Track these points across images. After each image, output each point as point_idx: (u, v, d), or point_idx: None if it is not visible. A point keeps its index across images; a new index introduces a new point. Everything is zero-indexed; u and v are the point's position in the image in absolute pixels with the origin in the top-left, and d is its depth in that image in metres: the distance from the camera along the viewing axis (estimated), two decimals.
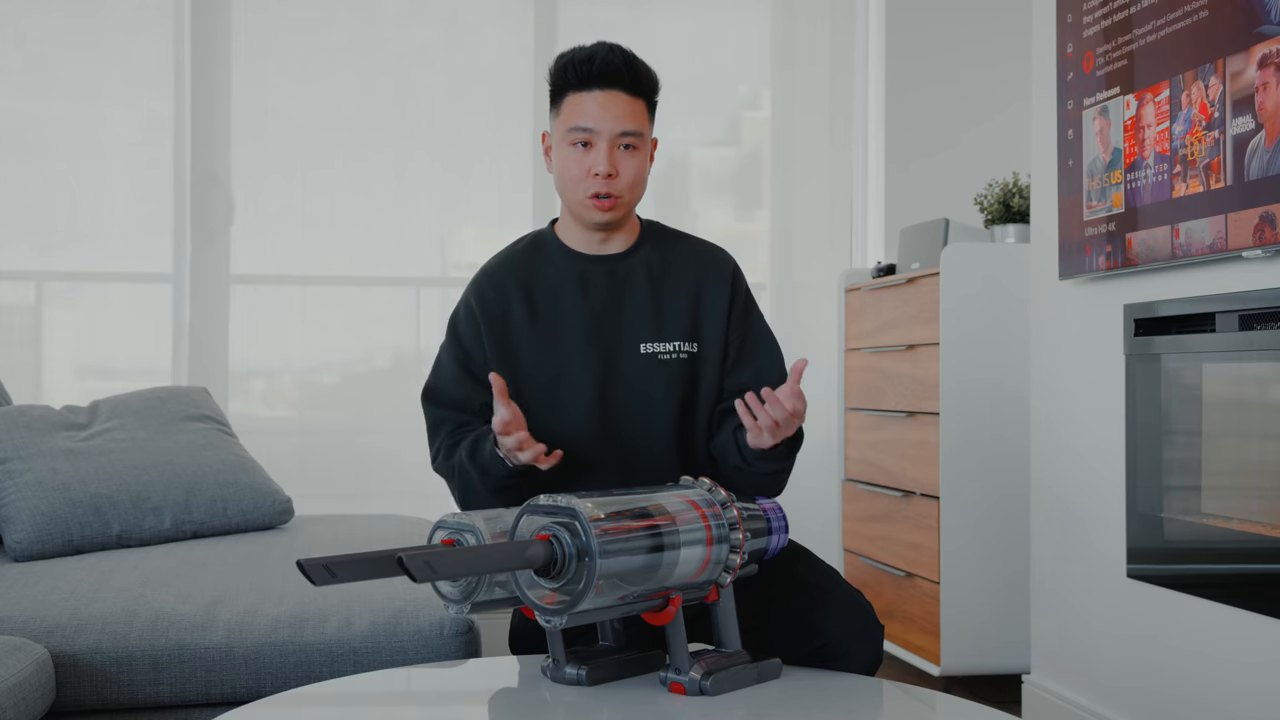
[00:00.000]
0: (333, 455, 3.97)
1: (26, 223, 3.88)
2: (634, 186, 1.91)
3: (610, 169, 1.87)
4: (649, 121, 1.93)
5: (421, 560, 1.34)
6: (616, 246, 1.98)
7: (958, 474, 3.15)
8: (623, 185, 1.89)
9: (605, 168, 1.87)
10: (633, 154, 1.89)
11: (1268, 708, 2.10)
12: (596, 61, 1.87)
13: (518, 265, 1.98)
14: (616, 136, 1.87)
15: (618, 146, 1.88)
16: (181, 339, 3.90)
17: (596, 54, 1.88)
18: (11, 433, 2.66)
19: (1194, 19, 2.20)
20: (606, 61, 1.87)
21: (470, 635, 2.11)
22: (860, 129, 4.21)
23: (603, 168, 1.87)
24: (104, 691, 2.01)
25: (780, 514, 1.73)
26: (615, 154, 1.88)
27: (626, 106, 1.88)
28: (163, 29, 3.92)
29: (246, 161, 3.95)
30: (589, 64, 1.87)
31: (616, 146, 1.88)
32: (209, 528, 2.73)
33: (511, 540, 1.50)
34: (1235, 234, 2.08)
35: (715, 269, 1.99)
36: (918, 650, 3.28)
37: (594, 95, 1.87)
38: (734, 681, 1.58)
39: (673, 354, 1.93)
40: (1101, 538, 2.57)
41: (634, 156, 1.89)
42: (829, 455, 3.95)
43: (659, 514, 1.53)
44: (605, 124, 1.87)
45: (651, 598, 1.53)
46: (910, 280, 3.34)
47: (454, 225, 4.11)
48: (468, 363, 1.95)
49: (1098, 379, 2.59)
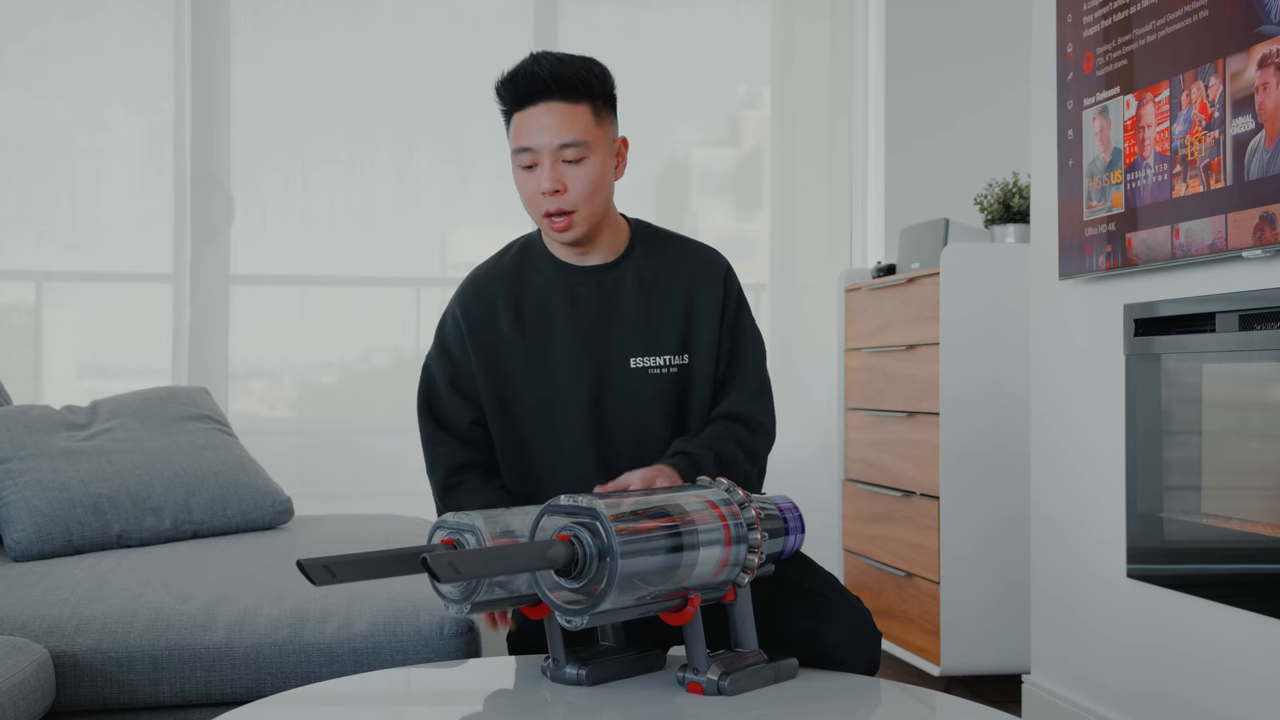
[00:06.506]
0: (332, 455, 3.97)
1: (27, 222, 3.88)
2: (590, 197, 1.85)
3: (555, 185, 1.83)
4: (599, 123, 1.86)
5: (445, 561, 1.33)
6: (603, 256, 1.94)
7: (958, 474, 3.15)
8: (574, 198, 1.84)
9: (550, 185, 1.82)
10: (580, 164, 1.84)
11: (1268, 708, 2.10)
12: (520, 79, 1.83)
13: (506, 276, 1.96)
14: (556, 151, 1.83)
15: (560, 161, 1.83)
16: (181, 339, 3.90)
17: (520, 71, 1.84)
18: (11, 433, 2.66)
19: (1194, 19, 2.20)
20: (531, 76, 1.82)
21: (470, 635, 2.11)
22: (860, 129, 4.22)
23: (547, 185, 1.83)
24: (104, 691, 2.01)
25: (797, 514, 1.72)
26: (559, 168, 1.83)
27: (563, 117, 1.82)
28: (163, 29, 3.92)
29: (246, 161, 3.96)
30: (513, 83, 1.84)
31: (559, 161, 1.83)
32: (209, 528, 2.73)
33: (532, 540, 1.50)
34: (1235, 234, 2.08)
35: (707, 275, 1.96)
36: (918, 650, 3.28)
37: (529, 113, 1.83)
38: (751, 681, 1.58)
39: (663, 368, 1.91)
40: (1101, 538, 2.57)
41: (582, 166, 1.84)
42: (829, 455, 3.96)
43: (678, 514, 1.53)
44: (543, 140, 1.82)
45: (670, 598, 1.53)
46: (910, 280, 3.34)
47: (454, 225, 4.12)
48: (456, 378, 1.94)
49: (1098, 379, 2.59)
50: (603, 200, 1.88)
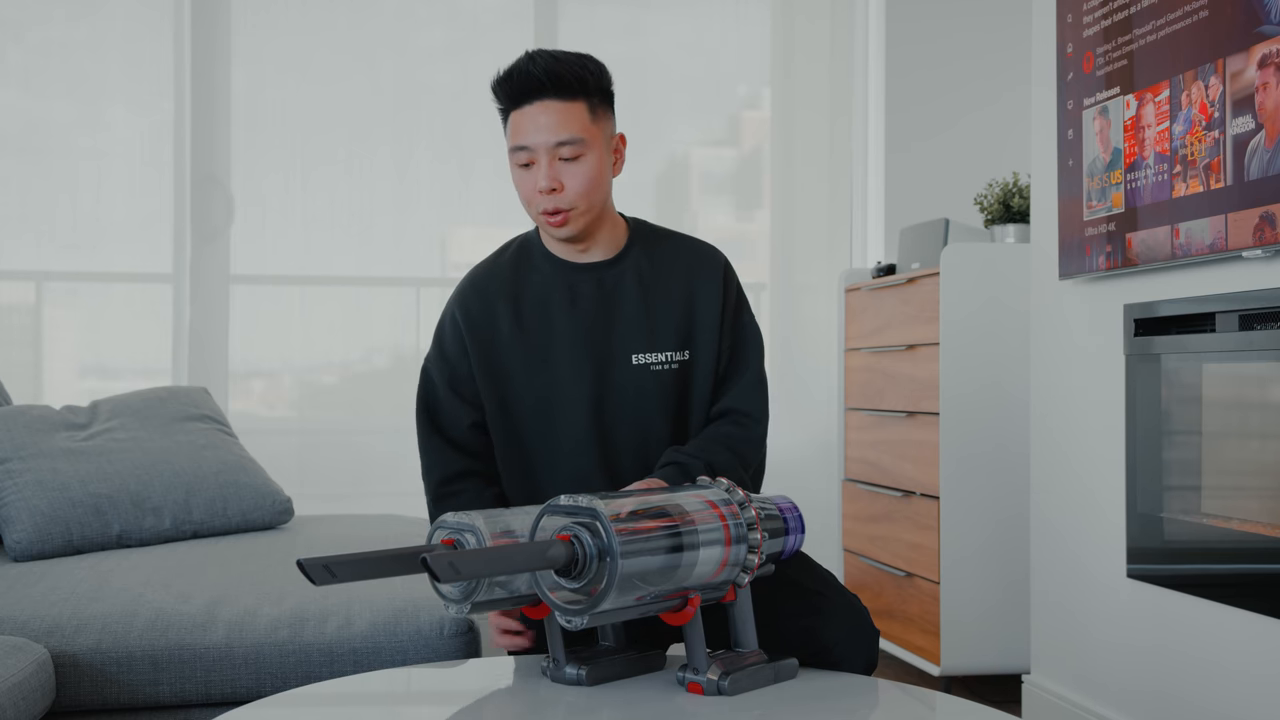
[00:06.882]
0: (332, 455, 3.97)
1: (27, 222, 3.88)
2: (587, 194, 1.85)
3: (552, 183, 1.83)
4: (596, 120, 1.86)
5: (445, 561, 1.33)
6: (602, 253, 1.94)
7: (958, 474, 3.15)
8: (572, 196, 1.84)
9: (546, 183, 1.83)
10: (577, 162, 1.84)
11: (1268, 708, 2.10)
12: (515, 78, 1.83)
13: (505, 275, 1.95)
14: (553, 149, 1.83)
15: (557, 159, 1.83)
16: (181, 339, 3.90)
17: (515, 69, 1.84)
18: (11, 433, 2.66)
19: (1194, 19, 2.20)
20: (526, 74, 1.82)
21: (470, 635, 2.11)
22: (860, 129, 4.22)
23: (544, 184, 1.83)
24: (104, 691, 2.01)
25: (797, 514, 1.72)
26: (556, 166, 1.83)
27: (559, 115, 1.82)
28: (163, 29, 3.92)
29: (246, 161, 3.96)
30: (509, 82, 1.84)
31: (556, 159, 1.83)
32: (209, 528, 2.73)
33: (532, 540, 1.50)
34: (1235, 234, 2.08)
35: (706, 271, 1.96)
36: (918, 650, 3.28)
37: (525, 111, 1.83)
38: (751, 681, 1.58)
39: (665, 364, 1.91)
40: (1101, 538, 2.57)
41: (578, 164, 1.84)
42: (829, 455, 3.96)
43: (678, 514, 1.53)
44: (539, 138, 1.82)
45: (670, 598, 1.53)
46: (910, 280, 3.34)
47: (454, 225, 4.11)
48: (454, 380, 1.94)
49: (1098, 379, 2.59)
50: (600, 197, 1.88)
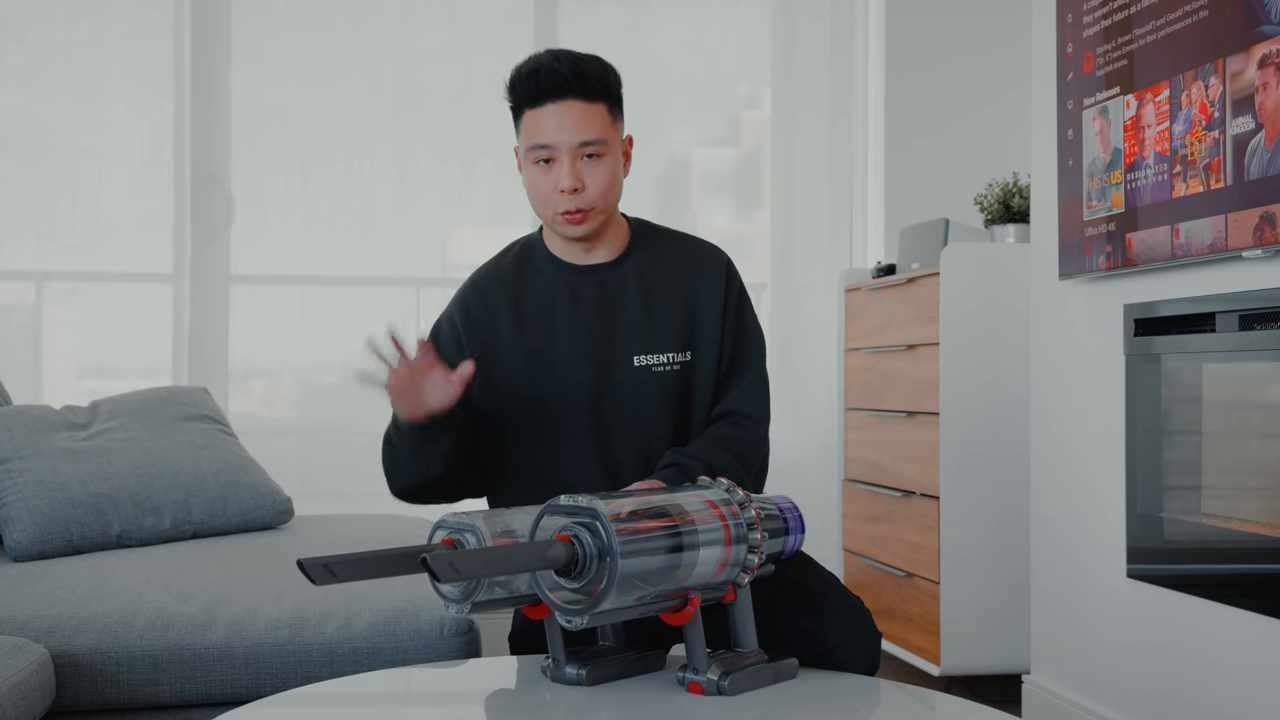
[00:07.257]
0: (332, 455, 3.97)
1: (27, 222, 3.88)
2: (605, 194, 1.85)
3: (575, 183, 1.82)
4: (613, 123, 1.87)
5: (445, 561, 1.33)
6: (605, 254, 1.94)
7: (958, 474, 3.15)
8: (592, 196, 1.84)
9: (570, 183, 1.82)
10: (598, 162, 1.84)
11: (1268, 708, 2.10)
12: (542, 75, 1.82)
13: (507, 278, 1.95)
14: (576, 149, 1.82)
15: (580, 158, 1.83)
16: (181, 339, 3.90)
17: (541, 67, 1.82)
18: (11, 433, 2.66)
19: (1194, 19, 2.20)
20: (553, 72, 1.81)
21: (470, 635, 2.11)
22: (860, 128, 4.22)
23: (567, 183, 1.82)
24: (104, 691, 2.01)
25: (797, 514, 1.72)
26: (578, 166, 1.83)
27: (582, 115, 1.82)
28: (163, 29, 3.92)
29: (246, 161, 3.96)
30: (535, 79, 1.82)
31: (579, 158, 1.83)
32: (209, 528, 2.73)
33: (532, 540, 1.50)
34: (1235, 234, 2.08)
35: (708, 270, 1.96)
36: (918, 650, 3.28)
37: (547, 110, 1.82)
38: (751, 681, 1.58)
39: (666, 366, 1.91)
40: (1101, 537, 2.57)
41: (599, 164, 1.84)
42: (829, 455, 3.96)
43: (678, 514, 1.53)
44: (563, 138, 1.82)
45: (670, 598, 1.53)
46: (910, 280, 3.34)
47: (454, 225, 4.11)
48: None
49: (1098, 379, 2.59)
50: (615, 198, 1.89)
